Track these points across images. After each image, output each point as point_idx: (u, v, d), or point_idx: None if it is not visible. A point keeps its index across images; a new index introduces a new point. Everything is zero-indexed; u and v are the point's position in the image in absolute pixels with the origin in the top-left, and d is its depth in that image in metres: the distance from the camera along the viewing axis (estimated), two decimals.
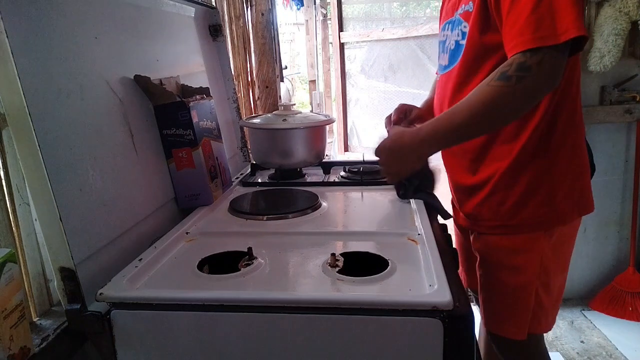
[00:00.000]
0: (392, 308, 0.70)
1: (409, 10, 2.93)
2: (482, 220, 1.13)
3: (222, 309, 0.73)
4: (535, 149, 1.04)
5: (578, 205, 1.10)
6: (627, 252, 2.38)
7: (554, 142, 1.04)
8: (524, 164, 1.05)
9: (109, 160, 0.92)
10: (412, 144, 1.03)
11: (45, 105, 0.77)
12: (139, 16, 1.14)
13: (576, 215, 1.11)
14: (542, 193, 1.06)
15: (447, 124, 0.98)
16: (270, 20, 2.12)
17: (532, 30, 0.89)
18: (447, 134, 0.99)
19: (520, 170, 1.05)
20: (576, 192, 1.09)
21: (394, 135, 1.08)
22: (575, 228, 1.14)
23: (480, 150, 1.08)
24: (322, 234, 1.03)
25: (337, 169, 1.54)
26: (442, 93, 1.14)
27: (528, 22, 0.89)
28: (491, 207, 1.10)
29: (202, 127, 1.16)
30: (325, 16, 4.58)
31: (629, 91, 2.22)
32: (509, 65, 0.91)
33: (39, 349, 0.74)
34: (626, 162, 2.33)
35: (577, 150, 1.09)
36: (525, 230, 1.07)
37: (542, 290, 1.10)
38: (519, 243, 1.08)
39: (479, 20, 0.99)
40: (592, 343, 2.14)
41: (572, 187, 1.08)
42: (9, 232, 0.78)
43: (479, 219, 1.14)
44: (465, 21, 1.04)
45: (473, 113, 0.94)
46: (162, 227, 1.05)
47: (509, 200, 1.07)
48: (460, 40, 1.06)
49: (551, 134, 1.03)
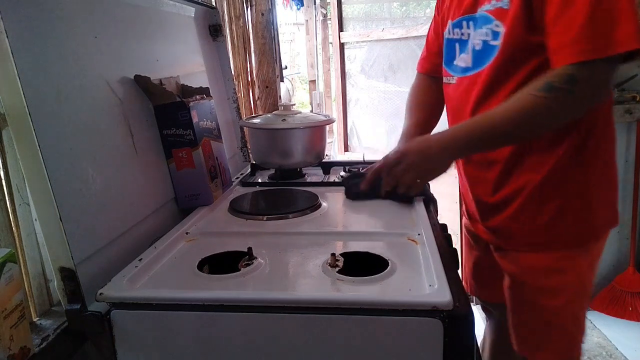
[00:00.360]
0: (393, 308, 0.70)
1: (409, 10, 2.93)
2: (512, 236, 1.07)
3: (223, 309, 0.73)
4: (571, 160, 0.98)
5: (610, 219, 1.06)
6: (627, 252, 2.38)
7: (589, 154, 0.99)
8: (559, 177, 0.99)
9: (109, 160, 0.92)
10: (442, 142, 0.97)
11: (45, 105, 0.77)
12: (139, 16, 1.14)
13: (608, 229, 1.06)
14: (578, 207, 1.00)
15: (484, 128, 0.93)
16: (270, 20, 2.12)
17: (587, 40, 0.83)
18: (483, 137, 0.94)
19: (555, 184, 0.99)
20: (609, 205, 1.05)
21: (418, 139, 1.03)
22: (604, 243, 1.08)
23: (511, 161, 1.02)
24: (322, 234, 1.03)
25: (337, 169, 1.54)
26: (463, 97, 1.06)
27: (582, 30, 0.83)
28: (523, 223, 1.03)
29: (202, 127, 1.16)
30: (325, 16, 4.58)
31: (629, 91, 2.22)
32: (557, 76, 0.86)
33: (39, 349, 0.74)
34: (626, 162, 2.32)
35: (610, 162, 1.04)
36: (560, 247, 1.02)
37: (581, 313, 1.05)
38: (554, 261, 1.02)
39: (521, 19, 0.91)
40: (592, 343, 2.14)
41: (605, 200, 1.04)
42: (9, 232, 0.78)
43: (507, 236, 1.08)
44: (497, 19, 0.96)
45: (513, 121, 0.90)
46: (162, 227, 1.05)
47: (543, 215, 1.01)
48: (490, 40, 0.98)
49: (586, 146, 0.98)
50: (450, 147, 0.97)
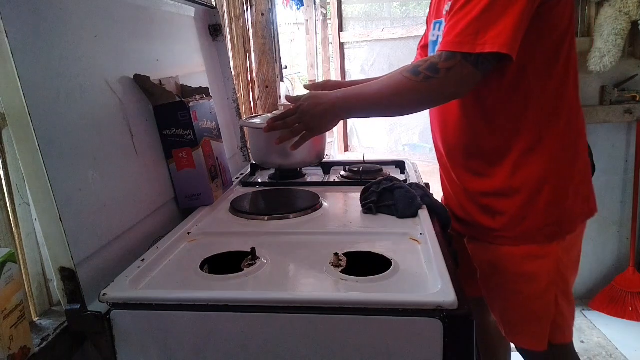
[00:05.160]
0: (398, 308, 0.70)
1: (409, 10, 2.92)
2: (484, 230, 1.10)
3: (227, 309, 0.73)
4: (529, 157, 1.01)
5: (584, 211, 1.08)
6: (627, 252, 2.38)
7: (548, 150, 1.01)
8: (523, 170, 1.02)
9: (109, 160, 0.92)
10: (329, 103, 1.04)
11: (45, 105, 0.77)
12: (139, 16, 1.14)
13: (583, 220, 1.09)
14: (543, 201, 1.02)
15: (361, 98, 1.02)
16: (270, 20, 2.12)
17: (456, 33, 0.89)
18: (360, 106, 1.04)
19: (518, 179, 1.03)
20: (580, 197, 1.06)
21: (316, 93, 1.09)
22: (582, 232, 1.11)
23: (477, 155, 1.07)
24: (324, 234, 1.03)
25: (337, 169, 1.54)
26: None
27: (463, 26, 0.88)
28: (492, 217, 1.07)
29: (202, 127, 1.16)
30: (325, 16, 4.57)
31: (629, 91, 2.22)
32: (424, 61, 0.93)
33: (39, 349, 0.74)
34: (626, 162, 2.33)
35: (579, 154, 1.06)
36: (529, 242, 1.05)
37: (562, 299, 1.06)
38: (528, 250, 1.05)
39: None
40: (592, 343, 2.14)
41: (576, 192, 1.05)
42: (9, 232, 0.78)
43: (480, 229, 1.11)
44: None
45: (381, 95, 0.99)
46: (162, 228, 1.05)
47: (510, 210, 1.04)
48: None
49: (552, 135, 1.01)
50: (335, 107, 1.04)
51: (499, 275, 1.09)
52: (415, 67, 0.93)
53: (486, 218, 1.09)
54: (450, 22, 0.92)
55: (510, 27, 0.86)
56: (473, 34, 0.87)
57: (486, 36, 0.86)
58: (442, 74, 0.90)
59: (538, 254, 1.04)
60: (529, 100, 0.99)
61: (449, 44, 0.90)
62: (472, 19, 0.87)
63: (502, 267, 1.08)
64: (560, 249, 1.04)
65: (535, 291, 1.05)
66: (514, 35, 0.86)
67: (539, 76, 0.98)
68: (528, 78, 0.98)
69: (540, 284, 1.05)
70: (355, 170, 1.45)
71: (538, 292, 1.05)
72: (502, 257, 1.08)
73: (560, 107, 1.01)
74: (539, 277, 1.05)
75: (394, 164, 1.59)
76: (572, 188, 1.04)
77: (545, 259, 1.04)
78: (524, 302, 1.07)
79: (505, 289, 1.09)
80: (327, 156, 1.65)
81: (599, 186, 1.14)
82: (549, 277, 1.04)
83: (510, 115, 1.01)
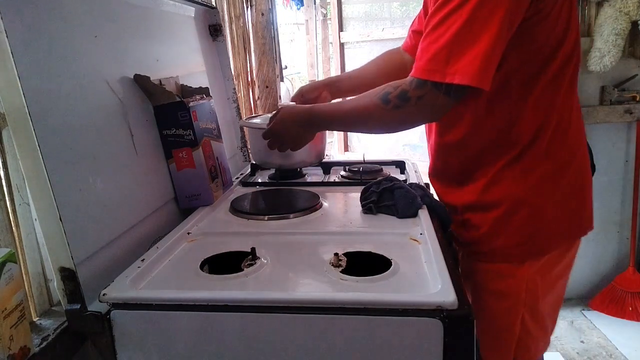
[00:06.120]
0: (398, 308, 0.70)
1: (409, 10, 2.92)
2: (463, 242, 1.08)
3: (227, 309, 0.73)
4: (510, 171, 0.97)
5: (570, 230, 1.02)
6: (627, 252, 2.38)
7: (536, 162, 0.96)
8: (500, 186, 0.98)
9: (109, 160, 0.92)
10: (300, 118, 1.06)
11: (45, 105, 0.77)
12: (139, 16, 1.14)
13: (566, 240, 1.03)
14: (520, 219, 0.97)
15: (330, 112, 1.04)
16: (270, 20, 2.12)
17: (427, 59, 0.85)
18: (334, 122, 1.06)
19: (495, 193, 0.99)
20: (565, 217, 1.00)
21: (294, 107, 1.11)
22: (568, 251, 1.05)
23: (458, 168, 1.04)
24: (324, 234, 1.03)
25: (337, 169, 1.54)
26: None
27: (429, 49, 0.85)
28: (468, 231, 1.05)
29: (202, 127, 1.16)
30: (325, 16, 4.57)
31: (629, 91, 2.22)
32: (394, 88, 0.90)
33: (39, 349, 0.74)
34: (626, 162, 2.33)
35: (567, 171, 0.99)
36: (501, 259, 1.01)
37: (528, 317, 1.03)
38: (500, 269, 1.02)
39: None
40: (592, 343, 2.14)
41: (557, 213, 0.99)
42: (9, 232, 0.78)
43: (460, 241, 1.09)
44: None
45: (353, 115, 0.98)
46: (162, 228, 1.05)
47: (484, 225, 1.01)
48: None
49: (533, 153, 0.95)
50: (307, 123, 1.07)
51: (473, 288, 1.07)
52: (386, 93, 0.91)
53: (463, 231, 1.07)
54: (424, 43, 0.87)
55: (481, 56, 0.80)
56: (443, 61, 0.83)
57: (457, 64, 0.82)
58: (412, 102, 0.88)
59: (508, 273, 1.01)
60: (512, 117, 0.95)
61: (419, 70, 0.87)
62: (444, 44, 0.83)
63: (475, 281, 1.06)
64: (533, 270, 1.00)
65: (501, 308, 1.03)
66: (486, 65, 0.81)
67: (522, 94, 0.93)
68: (510, 95, 0.93)
69: (507, 302, 1.02)
70: (355, 170, 1.45)
71: (503, 310, 1.03)
72: (476, 272, 1.06)
73: (547, 123, 0.95)
74: (506, 295, 1.02)
75: (394, 164, 1.59)
76: (550, 207, 0.98)
77: (515, 279, 1.01)
78: (491, 318, 1.05)
79: (478, 303, 1.06)
80: (327, 156, 1.65)
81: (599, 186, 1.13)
82: (517, 297, 1.01)
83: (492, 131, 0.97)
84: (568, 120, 0.98)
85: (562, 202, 0.99)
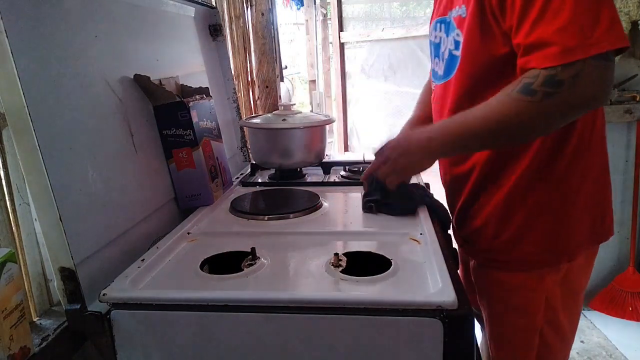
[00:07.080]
0: (398, 308, 0.70)
1: (409, 10, 2.93)
2: (478, 250, 1.03)
3: (227, 309, 0.73)
4: (537, 174, 0.92)
5: (592, 236, 0.98)
6: (627, 252, 2.38)
7: (562, 168, 0.91)
8: (522, 192, 0.93)
9: (109, 160, 0.92)
10: (421, 140, 0.94)
11: (45, 105, 0.77)
12: (139, 16, 1.14)
13: (589, 246, 0.99)
14: (546, 225, 0.94)
15: (460, 128, 0.88)
16: (270, 20, 2.12)
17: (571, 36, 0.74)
18: (458, 139, 0.89)
19: (518, 198, 0.94)
20: (588, 222, 0.96)
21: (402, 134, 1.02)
22: (590, 257, 1.02)
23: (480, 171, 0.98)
24: (324, 234, 1.03)
25: (337, 169, 1.54)
26: (441, 104, 1.03)
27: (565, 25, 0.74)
28: (486, 238, 1.00)
29: (202, 127, 1.16)
30: (325, 16, 4.57)
31: (629, 91, 2.22)
32: (533, 77, 0.77)
33: (39, 349, 0.74)
34: (626, 162, 2.33)
35: (594, 177, 0.95)
36: (523, 268, 0.97)
37: (548, 330, 0.99)
38: (520, 280, 0.97)
39: (476, 28, 0.86)
40: (592, 343, 2.14)
41: (587, 216, 0.96)
42: (9, 232, 0.78)
43: (475, 248, 1.05)
44: (458, 28, 0.91)
45: (489, 124, 0.83)
46: (162, 228, 1.05)
47: (505, 232, 0.96)
48: (453, 50, 0.94)
49: (558, 157, 0.91)
50: (430, 148, 0.94)
51: (489, 302, 1.05)
52: (524, 85, 0.77)
53: (478, 238, 1.03)
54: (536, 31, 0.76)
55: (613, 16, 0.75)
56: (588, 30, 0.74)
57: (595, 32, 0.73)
58: (568, 85, 0.74)
59: (527, 286, 0.97)
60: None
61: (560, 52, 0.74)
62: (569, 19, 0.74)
63: (492, 293, 1.03)
64: (553, 281, 0.97)
65: (520, 324, 1.00)
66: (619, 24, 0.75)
67: None
68: None
69: (526, 318, 0.99)
70: (355, 170, 1.45)
71: (522, 326, 1.00)
72: (493, 283, 1.02)
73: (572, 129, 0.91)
74: (526, 310, 0.99)
75: None
76: (575, 212, 0.95)
77: (535, 292, 0.97)
78: (510, 334, 1.02)
79: (495, 318, 1.04)
80: (327, 156, 1.65)
81: None
82: (536, 311, 0.98)
83: None
84: (592, 125, 0.94)
85: (588, 208, 0.96)
